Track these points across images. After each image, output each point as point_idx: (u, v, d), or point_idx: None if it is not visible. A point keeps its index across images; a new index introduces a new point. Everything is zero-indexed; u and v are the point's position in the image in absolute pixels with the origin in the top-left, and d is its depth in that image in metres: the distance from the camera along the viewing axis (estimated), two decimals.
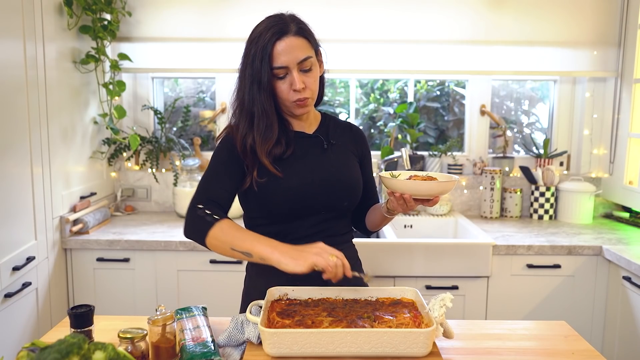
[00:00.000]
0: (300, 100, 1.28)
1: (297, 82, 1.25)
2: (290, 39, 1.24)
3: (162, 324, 1.07)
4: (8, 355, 1.75)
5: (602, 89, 2.70)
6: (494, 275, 2.18)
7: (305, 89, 1.27)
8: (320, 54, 1.36)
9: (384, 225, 1.46)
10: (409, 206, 1.25)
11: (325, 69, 1.39)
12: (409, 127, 2.75)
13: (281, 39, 1.24)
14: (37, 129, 1.95)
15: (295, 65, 1.25)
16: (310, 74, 1.28)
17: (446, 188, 1.21)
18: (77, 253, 2.20)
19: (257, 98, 1.27)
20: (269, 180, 1.30)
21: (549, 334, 1.25)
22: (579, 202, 2.56)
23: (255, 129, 1.28)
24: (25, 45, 1.86)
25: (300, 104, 1.29)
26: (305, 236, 1.34)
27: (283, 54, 1.23)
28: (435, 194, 1.22)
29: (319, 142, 1.39)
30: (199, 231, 1.24)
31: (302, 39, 1.27)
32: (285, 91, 1.27)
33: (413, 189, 1.21)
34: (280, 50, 1.23)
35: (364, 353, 1.04)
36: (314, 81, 1.29)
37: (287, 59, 1.24)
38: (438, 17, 2.59)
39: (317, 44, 1.33)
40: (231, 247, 1.20)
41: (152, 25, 2.59)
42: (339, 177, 1.35)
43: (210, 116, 2.81)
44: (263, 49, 1.24)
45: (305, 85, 1.27)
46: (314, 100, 1.33)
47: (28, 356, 0.85)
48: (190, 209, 1.28)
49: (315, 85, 1.30)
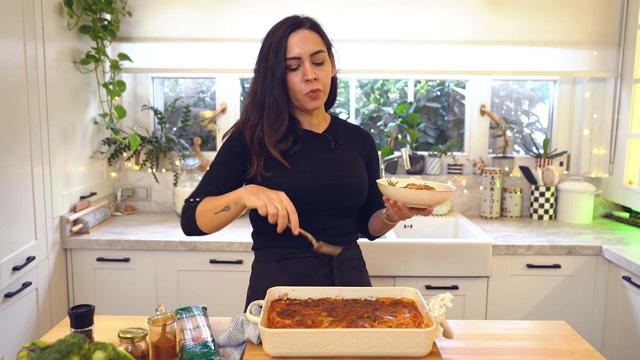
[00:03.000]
0: (312, 91, 1.30)
1: (309, 72, 1.28)
2: (304, 31, 1.30)
3: (162, 324, 1.07)
4: (8, 355, 1.75)
5: (602, 89, 2.70)
6: (494, 275, 2.18)
7: (317, 80, 1.29)
8: (333, 55, 1.39)
9: (385, 231, 1.47)
10: (403, 214, 1.26)
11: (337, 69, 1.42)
12: (409, 127, 2.75)
13: (295, 31, 1.29)
14: (37, 129, 1.95)
15: (307, 57, 1.28)
16: (323, 67, 1.31)
17: (441, 199, 1.21)
18: (77, 253, 2.20)
19: (269, 89, 1.30)
20: (274, 175, 1.32)
21: (549, 334, 1.25)
22: (579, 202, 2.56)
23: (265, 118, 1.32)
24: (25, 45, 1.86)
25: (312, 95, 1.30)
26: (310, 233, 1.34)
27: (296, 45, 1.28)
28: (430, 204, 1.22)
29: (327, 141, 1.40)
30: (188, 218, 1.31)
31: (315, 33, 1.32)
32: (297, 83, 1.30)
33: (407, 198, 1.22)
34: (293, 42, 1.28)
35: (364, 353, 1.04)
36: (325, 75, 1.32)
37: (300, 50, 1.28)
38: (438, 17, 2.59)
39: (330, 44, 1.37)
40: (214, 212, 1.26)
41: (152, 25, 2.59)
42: (344, 177, 1.37)
43: (210, 116, 2.81)
44: (278, 41, 1.29)
45: (317, 77, 1.29)
46: (326, 95, 1.35)
47: (28, 356, 0.85)
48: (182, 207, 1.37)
49: (327, 79, 1.33)
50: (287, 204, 1.17)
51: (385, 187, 1.25)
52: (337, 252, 1.27)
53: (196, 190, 1.37)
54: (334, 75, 1.41)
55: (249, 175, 1.34)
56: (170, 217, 2.62)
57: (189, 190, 2.56)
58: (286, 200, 1.18)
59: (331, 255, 1.34)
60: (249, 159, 1.35)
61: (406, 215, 1.26)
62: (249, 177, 1.34)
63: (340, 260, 1.38)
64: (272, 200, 1.17)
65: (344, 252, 1.39)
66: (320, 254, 1.34)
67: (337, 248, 1.27)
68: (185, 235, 2.22)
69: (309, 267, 1.37)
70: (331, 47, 1.38)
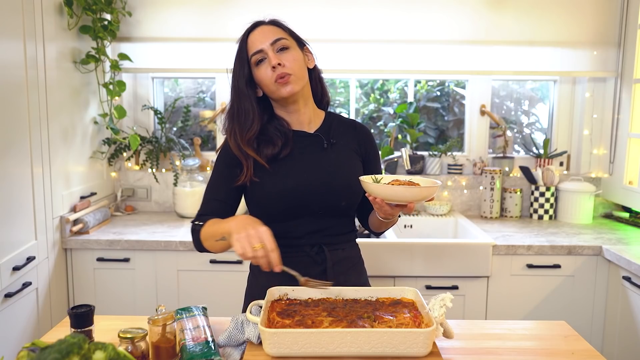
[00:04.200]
0: (280, 77, 1.28)
1: (272, 58, 1.28)
2: (262, 27, 1.33)
3: (162, 324, 1.07)
4: (8, 355, 1.75)
5: (602, 89, 2.70)
6: (494, 275, 2.18)
7: (283, 65, 1.28)
8: (308, 50, 1.39)
9: (384, 228, 1.44)
10: (384, 211, 1.22)
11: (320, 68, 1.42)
12: (409, 127, 2.75)
13: (254, 29, 1.33)
14: (37, 129, 1.95)
15: (269, 47, 1.29)
16: (287, 52, 1.31)
17: (420, 195, 1.16)
18: (77, 253, 2.20)
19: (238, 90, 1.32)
20: (263, 180, 1.31)
21: (549, 334, 1.25)
22: (579, 202, 2.56)
23: (236, 119, 1.33)
24: (25, 45, 1.86)
25: (281, 81, 1.29)
26: (305, 235, 1.35)
27: (256, 41, 1.30)
28: (410, 200, 1.17)
29: (319, 141, 1.38)
30: (196, 240, 1.32)
31: (274, 26, 1.34)
32: (266, 75, 1.30)
33: (385, 194, 1.18)
34: (253, 39, 1.31)
35: (364, 353, 1.04)
36: (293, 59, 1.30)
37: (259, 43, 1.30)
38: (438, 17, 2.59)
39: (299, 38, 1.37)
40: (214, 240, 1.24)
41: (152, 25, 2.59)
42: (337, 177, 1.34)
43: (210, 116, 2.81)
44: (240, 45, 1.32)
45: (282, 62, 1.28)
46: (298, 79, 1.31)
47: (28, 356, 0.85)
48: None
49: (294, 64, 1.30)
50: (267, 242, 1.11)
51: (365, 184, 1.22)
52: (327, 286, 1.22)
53: (200, 209, 1.37)
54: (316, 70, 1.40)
55: (240, 182, 1.33)
56: (170, 217, 2.62)
57: (189, 190, 2.57)
58: (266, 238, 1.11)
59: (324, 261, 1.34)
60: (240, 166, 1.33)
61: (388, 211, 1.21)
62: (241, 184, 1.33)
63: (334, 260, 1.37)
64: (250, 239, 1.10)
65: (339, 252, 1.39)
66: (315, 254, 1.35)
67: (326, 283, 1.22)
68: (186, 236, 2.22)
69: (304, 267, 1.33)
70: (303, 42, 1.37)
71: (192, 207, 2.57)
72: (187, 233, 2.27)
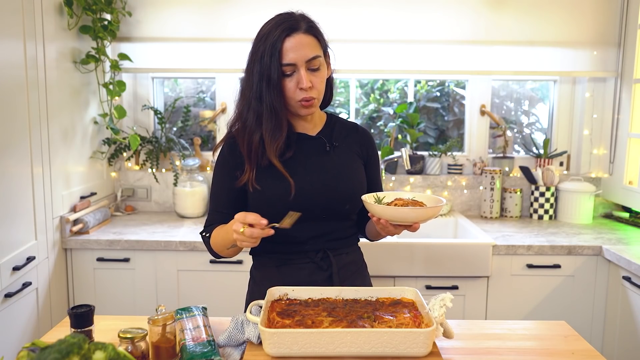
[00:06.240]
0: (306, 99, 1.25)
1: (305, 80, 1.23)
2: (300, 36, 1.23)
3: (162, 324, 1.07)
4: (8, 355, 1.75)
5: (602, 89, 2.70)
6: (494, 275, 2.18)
7: (312, 88, 1.25)
8: (329, 55, 1.34)
9: (381, 238, 1.43)
10: (388, 231, 1.21)
11: (333, 69, 1.38)
12: (409, 127, 2.75)
13: (291, 35, 1.22)
14: (37, 129, 1.95)
15: (303, 63, 1.23)
16: (318, 73, 1.26)
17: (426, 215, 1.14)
18: (77, 253, 2.20)
19: (265, 95, 1.24)
20: (266, 184, 1.29)
21: (549, 334, 1.25)
22: (579, 202, 2.56)
23: (264, 127, 1.26)
24: (25, 45, 1.86)
25: (306, 104, 1.26)
26: (309, 239, 1.34)
27: (292, 51, 1.22)
28: (414, 221, 1.15)
29: (322, 144, 1.36)
30: (209, 249, 1.36)
31: (312, 37, 1.26)
32: (291, 89, 1.25)
33: (390, 215, 1.16)
34: (289, 47, 1.22)
35: (364, 353, 1.04)
36: (320, 81, 1.27)
37: (295, 56, 1.22)
38: (438, 17, 2.59)
39: (326, 44, 1.32)
40: (226, 248, 1.27)
41: (152, 25, 2.59)
42: (339, 181, 1.33)
43: (210, 116, 2.81)
44: (272, 45, 1.22)
45: (313, 84, 1.25)
46: (320, 101, 1.31)
47: (28, 356, 0.85)
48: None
49: (321, 85, 1.28)
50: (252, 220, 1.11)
51: (368, 205, 1.20)
52: (296, 216, 1.16)
53: (207, 219, 1.39)
54: (330, 76, 1.36)
55: (241, 183, 1.30)
56: (170, 217, 2.61)
57: (189, 190, 2.56)
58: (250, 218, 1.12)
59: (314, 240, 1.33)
60: (241, 168, 1.31)
61: (392, 232, 1.20)
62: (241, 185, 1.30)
63: (340, 265, 1.36)
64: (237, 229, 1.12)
65: (344, 257, 1.38)
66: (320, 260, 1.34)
67: (294, 214, 1.16)
68: (186, 236, 2.22)
69: (308, 273, 1.35)
70: (327, 47, 1.33)
71: (192, 207, 2.57)
72: (187, 233, 2.28)
